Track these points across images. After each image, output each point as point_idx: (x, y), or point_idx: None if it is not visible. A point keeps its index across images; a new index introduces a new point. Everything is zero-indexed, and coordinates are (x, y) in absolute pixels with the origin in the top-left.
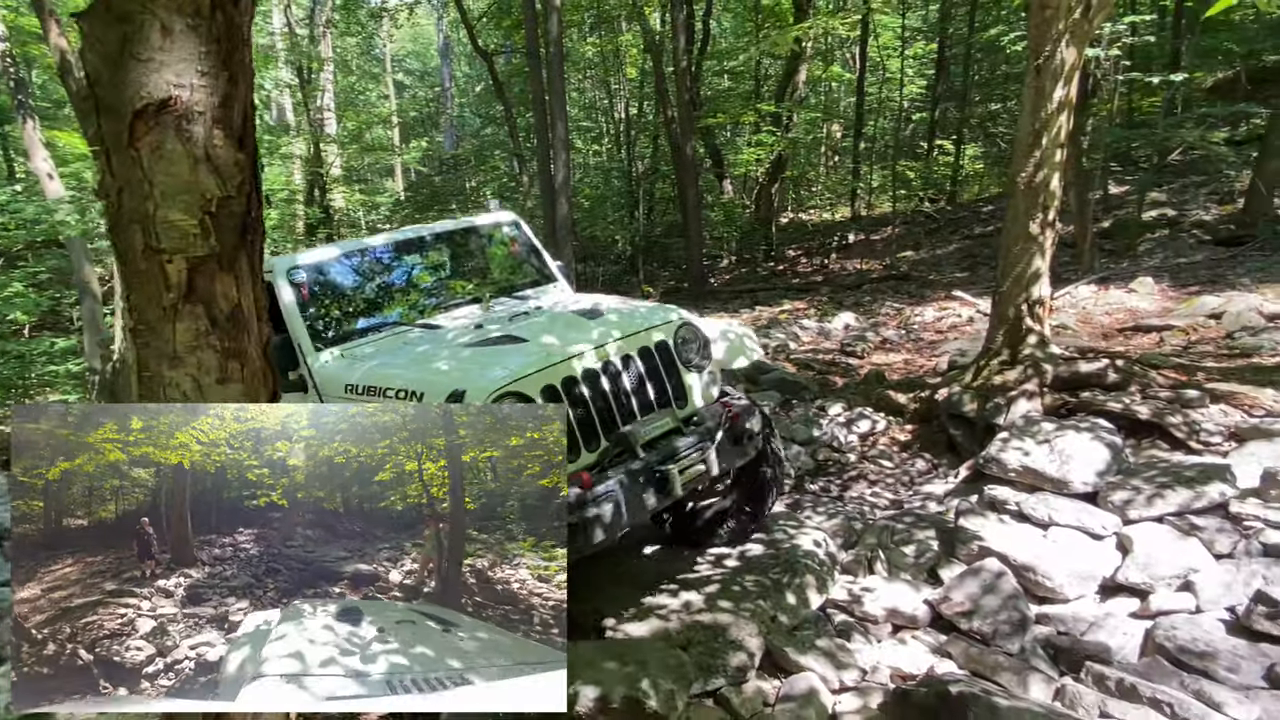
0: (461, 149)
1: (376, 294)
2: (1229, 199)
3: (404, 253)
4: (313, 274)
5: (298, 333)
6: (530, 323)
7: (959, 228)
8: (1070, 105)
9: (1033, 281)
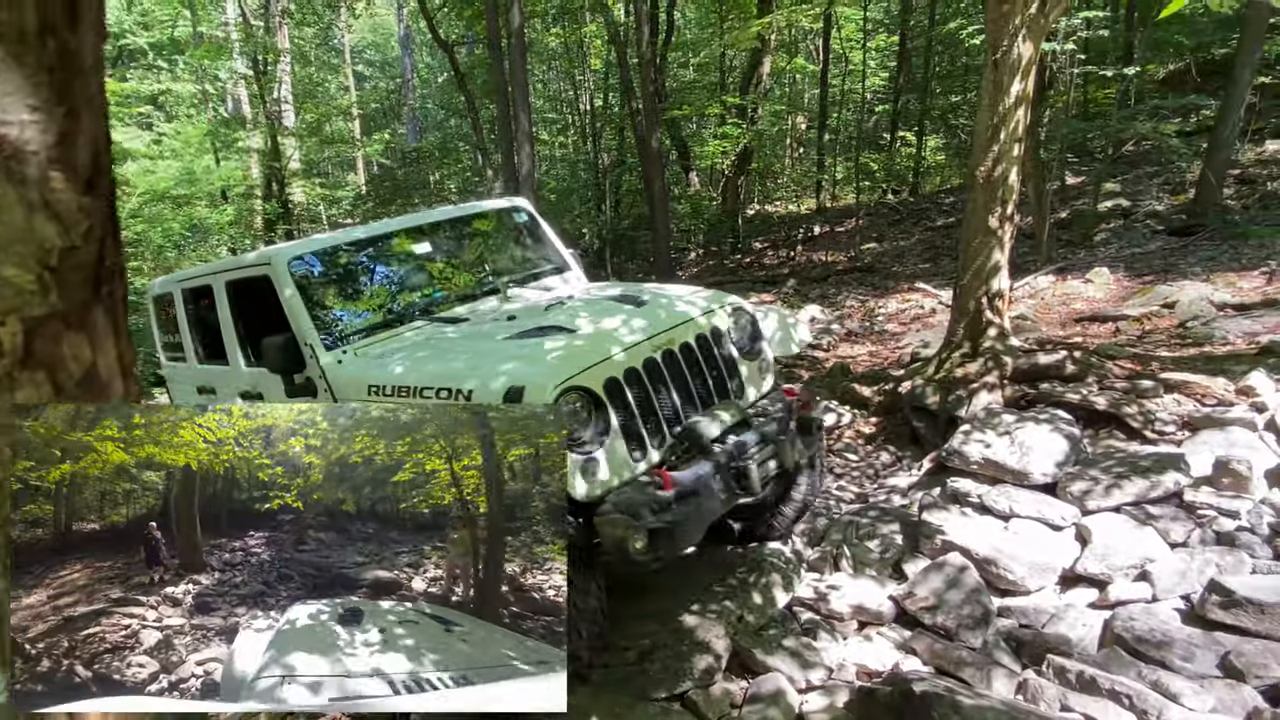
0: (424, 141)
1: (387, 285)
2: (1181, 189)
3: (412, 240)
4: (316, 265)
5: (304, 330)
6: (568, 312)
7: (921, 219)
8: (1027, 99)
9: (992, 275)
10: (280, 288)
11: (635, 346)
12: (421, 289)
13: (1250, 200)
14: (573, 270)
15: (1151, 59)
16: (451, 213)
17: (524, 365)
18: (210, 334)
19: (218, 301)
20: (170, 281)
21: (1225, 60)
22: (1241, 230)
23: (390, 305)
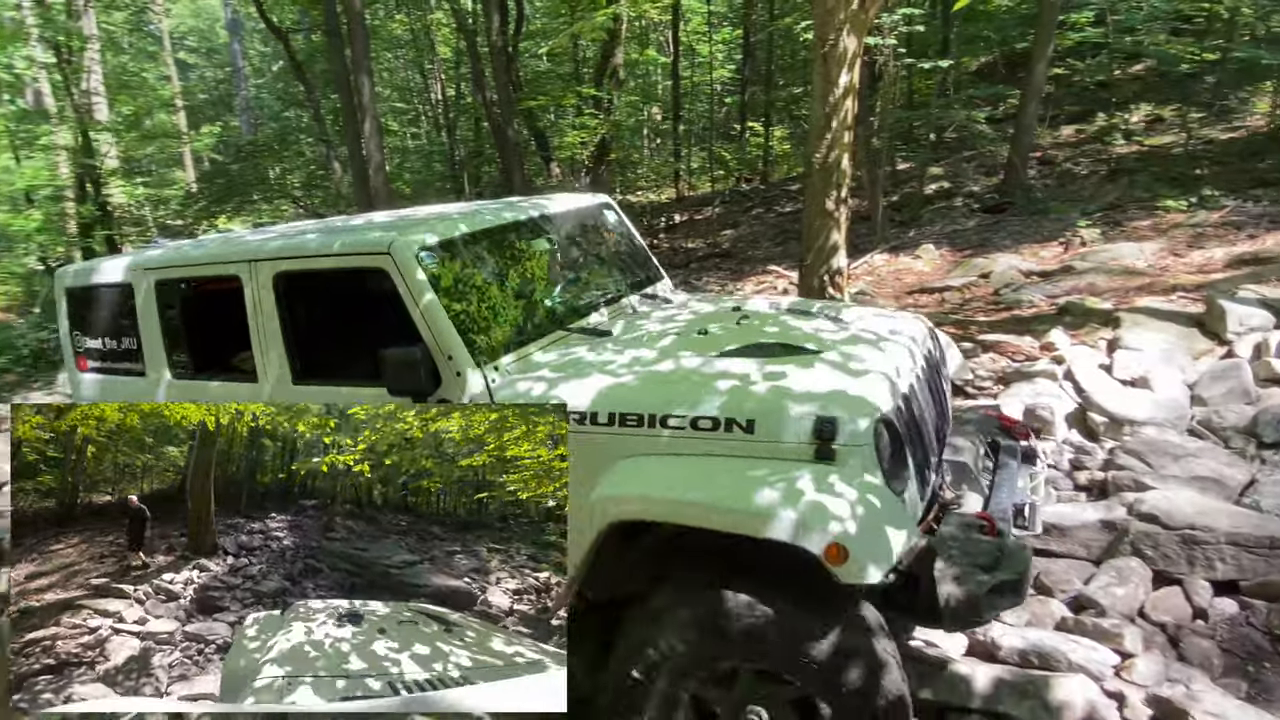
0: (260, 134)
1: (512, 289)
2: (993, 171)
3: (532, 235)
4: (445, 259)
5: (446, 341)
6: (778, 328)
7: (772, 205)
8: (855, 90)
9: (832, 253)
10: (409, 283)
11: (899, 372)
12: (546, 295)
13: (1050, 179)
14: (665, 279)
15: (964, 52)
16: (548, 208)
17: (807, 391)
18: (212, 340)
19: (255, 298)
20: (125, 269)
21: (1026, 53)
22: (1043, 206)
23: (528, 311)
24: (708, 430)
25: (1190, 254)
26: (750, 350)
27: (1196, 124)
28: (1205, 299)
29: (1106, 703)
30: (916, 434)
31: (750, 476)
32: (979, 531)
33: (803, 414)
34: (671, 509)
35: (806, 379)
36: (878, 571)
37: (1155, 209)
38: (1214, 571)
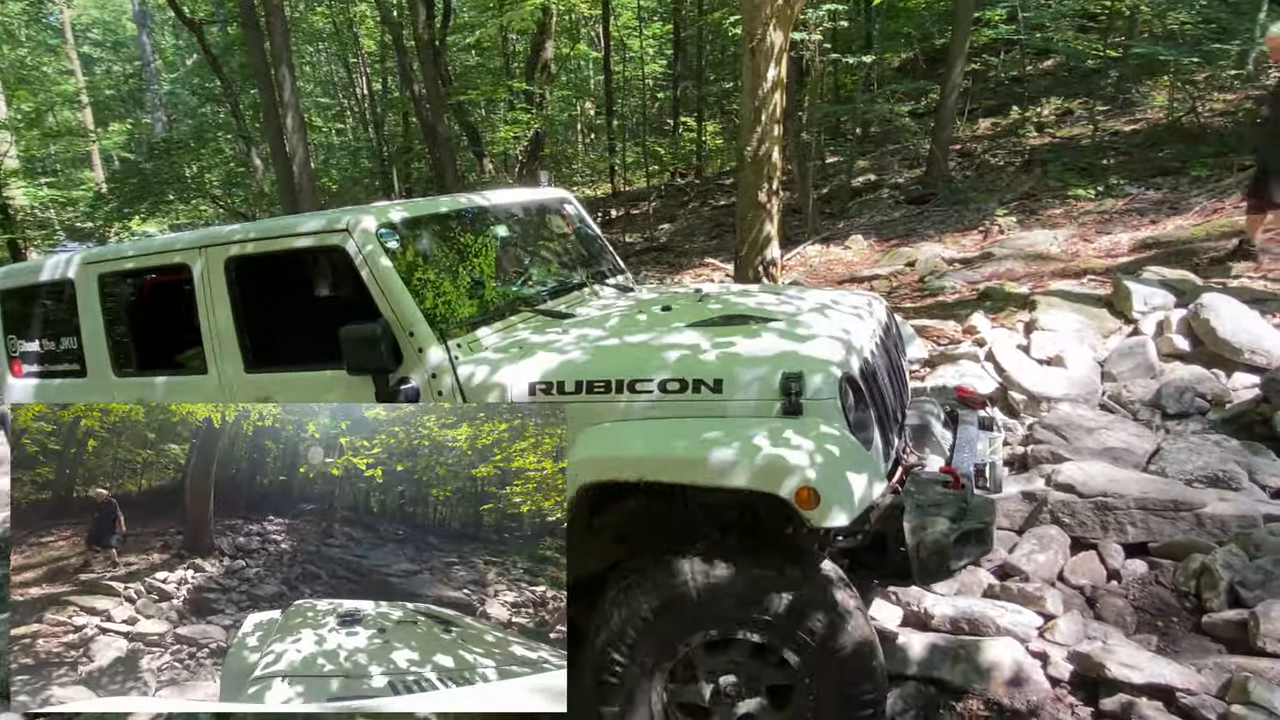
0: (175, 131)
1: (475, 270)
2: (917, 164)
3: (493, 221)
4: (406, 240)
5: (407, 317)
6: (736, 303)
7: (707, 199)
8: (783, 84)
9: (765, 245)
10: (369, 261)
11: (858, 338)
12: (509, 278)
13: (970, 171)
14: (626, 273)
15: (886, 49)
16: (511, 198)
17: (772, 352)
18: (158, 335)
19: (205, 286)
20: (65, 265)
21: (944, 50)
22: (963, 197)
23: (489, 293)
24: (675, 393)
25: (1098, 239)
26: (715, 321)
27: (1102, 117)
28: (1112, 281)
29: (1032, 662)
30: (879, 397)
31: (719, 432)
32: (944, 486)
33: (769, 371)
34: (639, 466)
35: (771, 342)
36: (847, 515)
37: (1066, 197)
38: (1125, 535)
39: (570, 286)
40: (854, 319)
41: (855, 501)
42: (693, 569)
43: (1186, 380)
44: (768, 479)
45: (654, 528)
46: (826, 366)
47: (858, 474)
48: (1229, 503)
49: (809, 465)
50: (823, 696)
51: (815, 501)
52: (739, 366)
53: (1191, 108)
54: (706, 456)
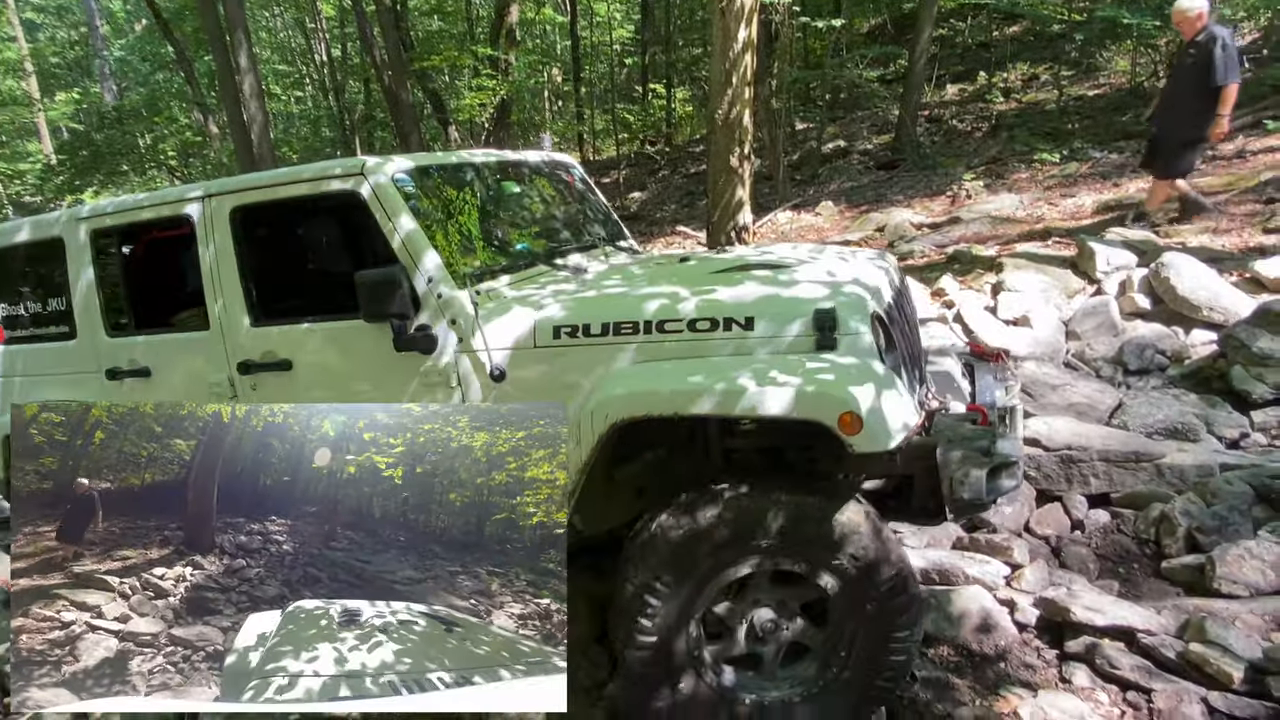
0: (127, 100)
1: (490, 224)
2: (886, 129)
3: (505, 177)
4: (421, 187)
5: (424, 263)
6: (748, 255)
7: (678, 168)
8: (753, 45)
9: (737, 210)
10: (385, 205)
11: (883, 285)
12: (524, 234)
13: (937, 136)
14: (629, 238)
15: (855, 14)
16: (523, 155)
17: (801, 291)
18: (155, 292)
19: (208, 237)
20: (54, 222)
21: (912, 15)
22: (931, 162)
23: (505, 245)
24: (706, 331)
25: (1063, 202)
26: (738, 268)
27: (1067, 81)
28: (1076, 242)
29: (1000, 609)
30: (903, 339)
31: (755, 365)
32: (972, 424)
33: (802, 307)
34: (676, 400)
35: (799, 283)
36: (890, 439)
37: (1032, 161)
38: (1089, 486)
39: (582, 246)
40: (873, 267)
41: (895, 427)
42: (736, 498)
43: (1147, 338)
44: (810, 406)
45: (674, 479)
46: (859, 303)
47: (896, 402)
48: (1187, 454)
49: (850, 392)
50: (861, 624)
51: (858, 427)
52: (771, 304)
53: (1153, 71)
54: (747, 387)
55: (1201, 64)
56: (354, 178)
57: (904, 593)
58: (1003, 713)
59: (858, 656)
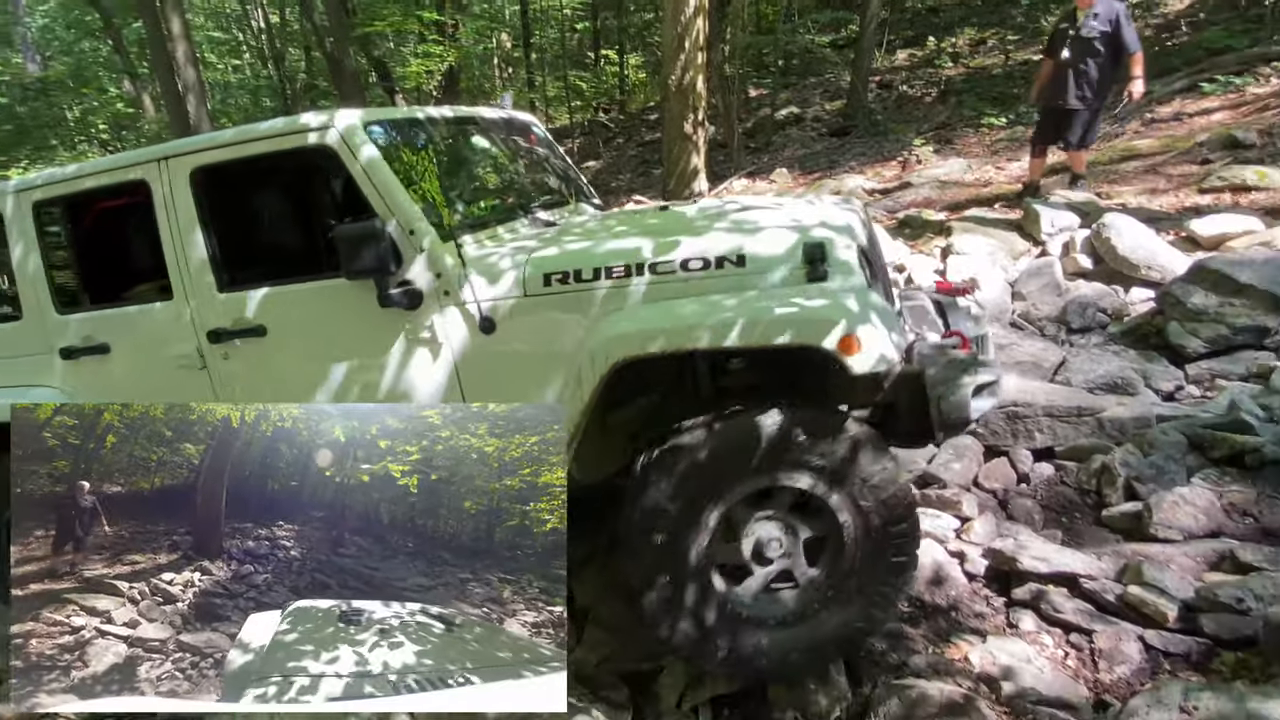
0: (52, 70)
1: (466, 178)
2: (838, 96)
3: (476, 132)
4: (384, 138)
5: (406, 214)
6: (724, 204)
7: (631, 135)
8: (705, 10)
9: (693, 178)
10: (359, 157)
11: (857, 223)
12: (495, 189)
13: (889, 102)
14: (595, 197)
15: None
16: (487, 112)
17: (788, 228)
18: (108, 265)
19: (168, 203)
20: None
21: None
22: (883, 128)
23: (477, 200)
24: (698, 270)
25: (1010, 166)
26: (718, 211)
27: (1013, 46)
28: (1022, 205)
29: (950, 560)
30: (882, 274)
31: (752, 298)
32: (952, 348)
33: (792, 242)
34: (678, 336)
35: (783, 222)
36: (886, 360)
37: (980, 126)
38: (1034, 441)
39: (552, 202)
40: (845, 209)
41: (891, 347)
42: (742, 421)
43: (1089, 297)
44: (811, 331)
45: (665, 422)
46: (844, 236)
47: (888, 325)
48: (1126, 407)
49: (847, 316)
50: (863, 534)
51: (857, 347)
52: (760, 241)
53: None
54: (747, 319)
55: (1107, 34)
56: (324, 130)
57: (907, 516)
58: (954, 659)
59: (858, 577)
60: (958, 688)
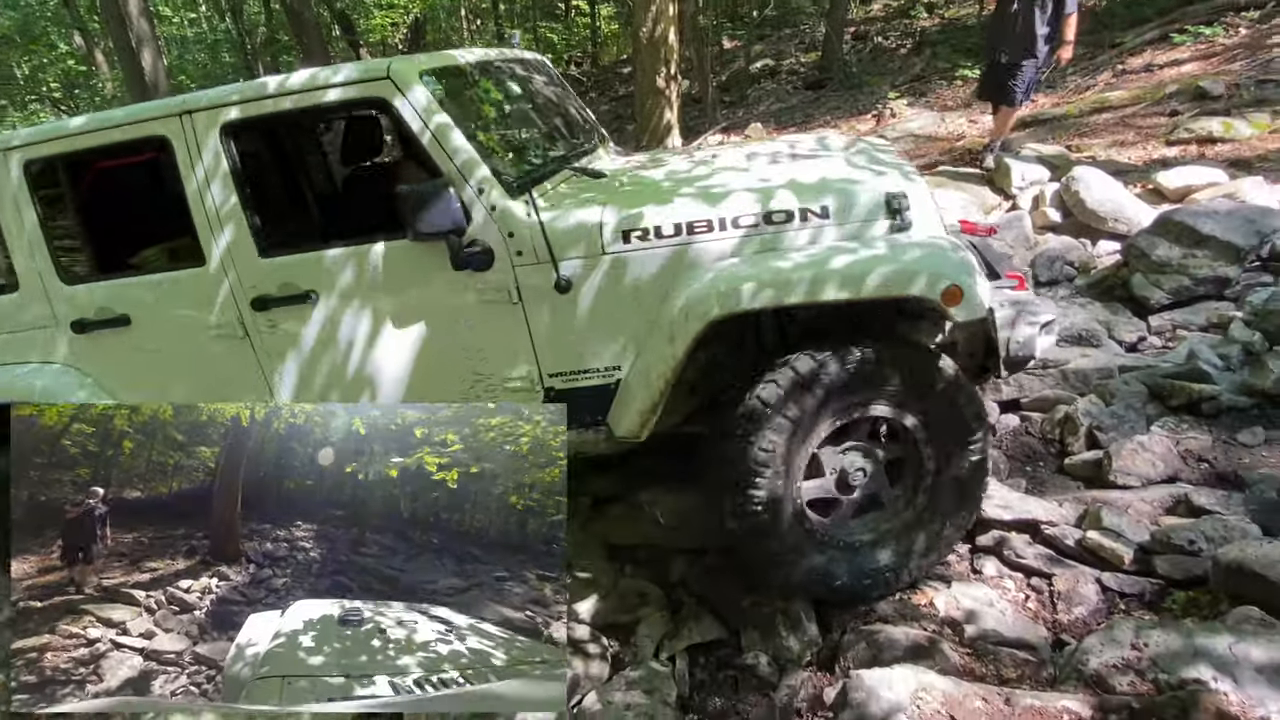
0: None
1: (507, 127)
2: (813, 47)
3: (499, 80)
4: (447, 91)
5: (473, 170)
6: (770, 147)
7: (604, 90)
8: None
9: (666, 133)
10: (419, 109)
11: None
12: (543, 136)
13: (863, 54)
14: (610, 141)
15: None
16: (507, 54)
17: (866, 177)
18: (118, 229)
19: (194, 162)
20: None
21: None
22: (858, 81)
23: (525, 150)
24: (782, 223)
25: (982, 119)
26: (778, 159)
27: None
28: (994, 158)
29: None
30: None
31: (847, 250)
32: (1011, 289)
33: (873, 192)
34: (780, 291)
35: (850, 170)
36: (983, 307)
37: (954, 78)
38: (1000, 393)
39: (585, 150)
40: (888, 151)
41: (984, 296)
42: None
43: (1057, 250)
44: (917, 283)
45: (724, 375)
46: (918, 185)
47: (978, 273)
48: (1089, 358)
49: (951, 268)
50: (944, 464)
51: (959, 298)
52: (840, 191)
53: None
54: (847, 272)
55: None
56: (378, 82)
57: (980, 416)
58: (920, 604)
59: (940, 497)
60: (923, 631)
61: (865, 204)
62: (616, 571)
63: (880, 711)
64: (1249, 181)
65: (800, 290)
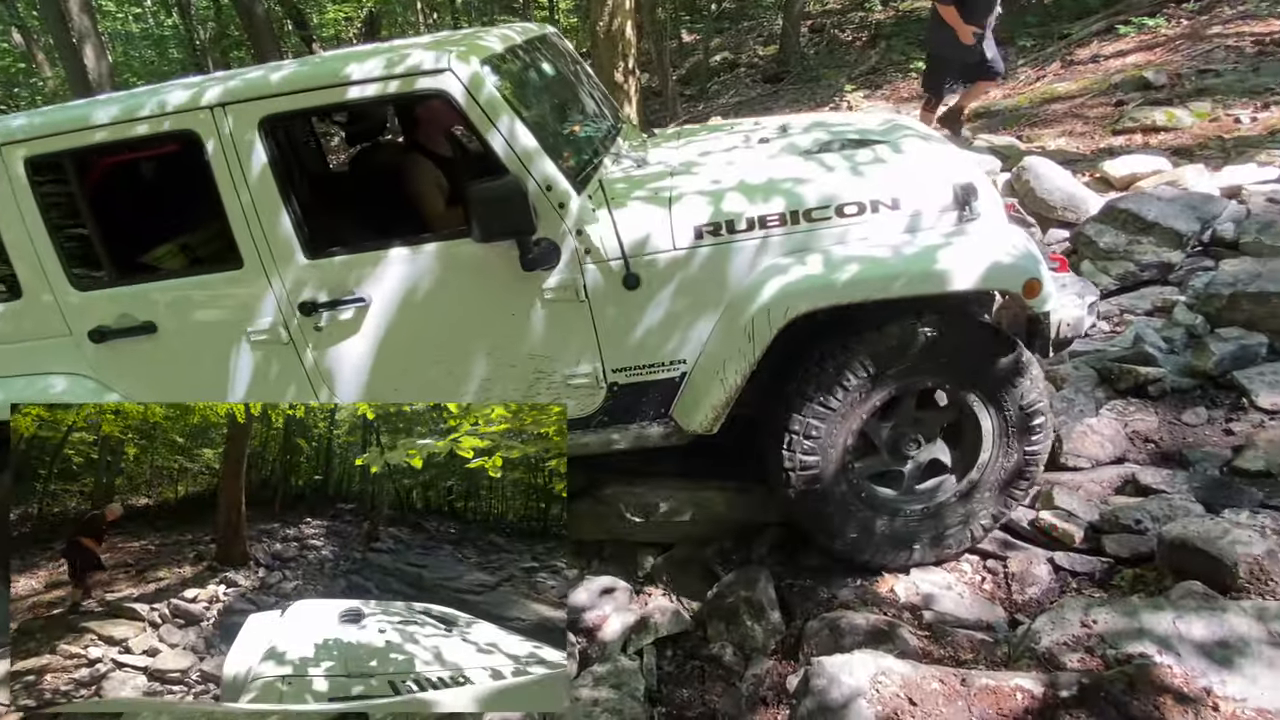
0: None
1: (549, 115)
2: (771, 40)
3: (536, 63)
4: (503, 81)
5: (541, 168)
6: (814, 133)
7: None
8: None
9: None
10: (483, 104)
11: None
12: (587, 123)
13: (820, 46)
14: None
15: None
16: (527, 31)
17: (931, 168)
18: (137, 230)
19: (228, 158)
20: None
21: None
22: (815, 74)
23: (569, 139)
24: (854, 215)
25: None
26: (830, 146)
27: None
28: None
29: None
30: None
31: (922, 243)
32: (1054, 269)
33: (941, 183)
34: (870, 287)
35: (914, 159)
36: (1054, 298)
37: (909, 71)
38: None
39: (615, 130)
40: (934, 137)
41: (1055, 286)
42: (906, 330)
43: None
44: (1003, 277)
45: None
46: (979, 176)
47: (1044, 263)
48: None
49: (1031, 262)
50: (1002, 434)
51: (1038, 290)
52: (909, 183)
53: None
54: (928, 267)
55: None
56: (435, 73)
57: (1043, 425)
58: (880, 590)
59: (996, 470)
60: (883, 616)
61: (934, 196)
62: (583, 567)
63: (841, 697)
64: (1191, 169)
65: (897, 285)
